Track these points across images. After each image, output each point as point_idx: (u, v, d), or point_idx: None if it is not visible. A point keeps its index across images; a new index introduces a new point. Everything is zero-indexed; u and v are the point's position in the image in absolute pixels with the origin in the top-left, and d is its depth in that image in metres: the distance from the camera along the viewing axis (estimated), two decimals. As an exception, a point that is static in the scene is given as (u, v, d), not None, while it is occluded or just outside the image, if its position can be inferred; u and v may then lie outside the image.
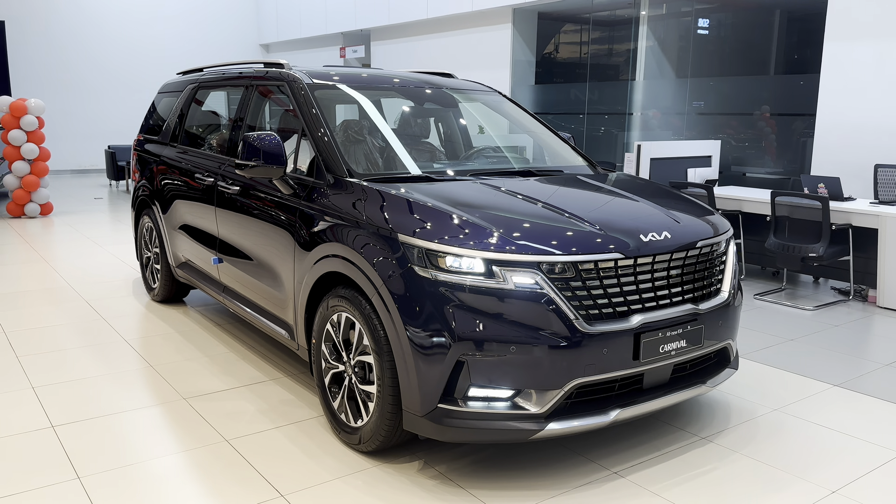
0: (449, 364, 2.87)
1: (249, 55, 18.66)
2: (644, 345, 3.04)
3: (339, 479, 3.12)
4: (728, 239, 3.60)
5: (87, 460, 3.26)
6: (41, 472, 3.15)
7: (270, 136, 3.73)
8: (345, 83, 4.28)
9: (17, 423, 3.63)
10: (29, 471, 3.16)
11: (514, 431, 2.91)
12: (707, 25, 10.49)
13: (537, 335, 2.87)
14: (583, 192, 3.76)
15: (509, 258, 2.89)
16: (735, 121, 9.33)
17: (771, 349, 5.00)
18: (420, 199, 3.24)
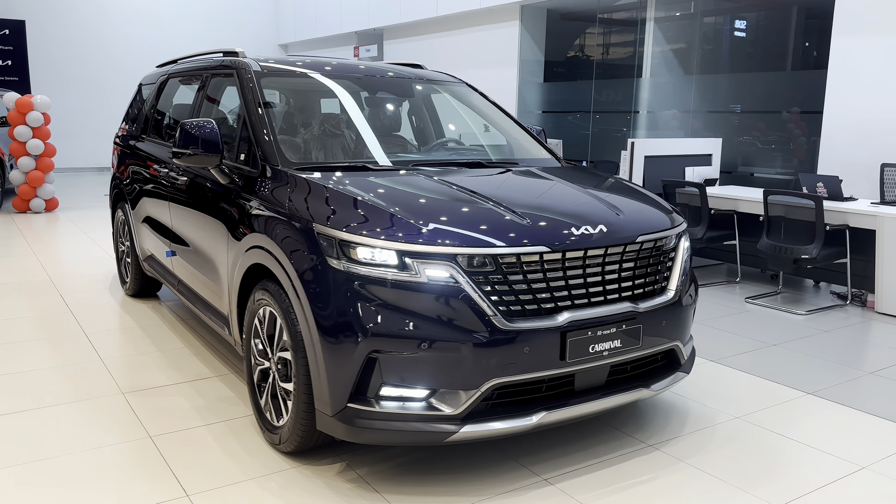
0: (358, 361, 2.72)
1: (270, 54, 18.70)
2: (571, 344, 2.86)
3: (252, 480, 2.99)
4: (679, 235, 3.39)
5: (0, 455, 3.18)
6: (-49, 465, 3.08)
7: (207, 123, 3.63)
8: (297, 73, 4.16)
9: (-53, 415, 3.57)
10: (-60, 463, 3.10)
11: (428, 434, 2.75)
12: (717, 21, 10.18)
13: (451, 332, 2.70)
14: (526, 184, 3.58)
15: (423, 250, 2.73)
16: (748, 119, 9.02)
17: (749, 354, 4.75)
18: (341, 189, 3.10)
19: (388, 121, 4.27)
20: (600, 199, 3.35)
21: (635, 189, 3.74)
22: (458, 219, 2.91)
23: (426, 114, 4.75)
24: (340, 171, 3.42)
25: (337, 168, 3.49)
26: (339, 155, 3.87)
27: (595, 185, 3.65)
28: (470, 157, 4.10)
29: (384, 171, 3.53)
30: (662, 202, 3.61)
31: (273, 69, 4.07)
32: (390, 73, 4.44)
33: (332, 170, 3.45)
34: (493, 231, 2.85)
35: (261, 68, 4.04)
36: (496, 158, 4.20)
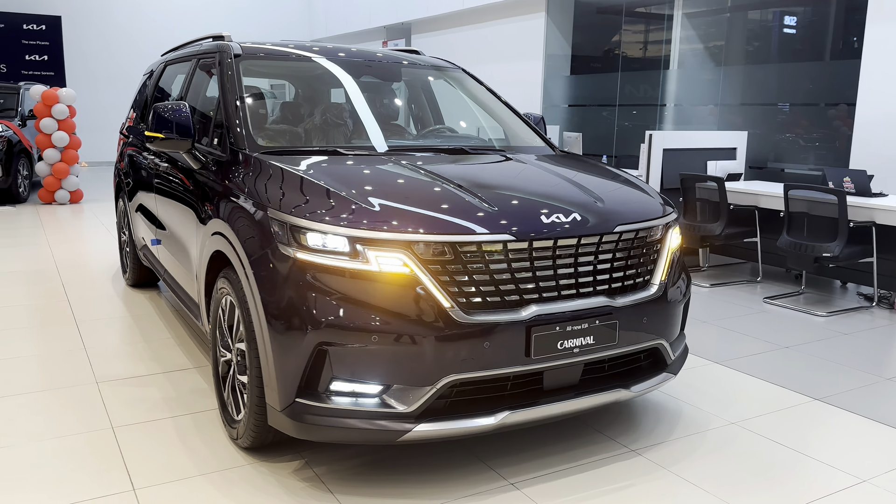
0: (306, 353, 2.57)
1: (299, 50, 18.76)
2: (536, 340, 2.67)
3: (203, 476, 2.87)
4: (667, 226, 3.17)
5: (-41, 441, 3.12)
6: None
7: (180, 106, 3.52)
8: (278, 56, 4.04)
9: (-83, 400, 3.54)
10: None
11: (380, 432, 2.59)
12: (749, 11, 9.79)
13: (404, 325, 2.54)
14: (505, 171, 3.38)
15: (375, 236, 2.57)
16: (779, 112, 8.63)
17: (758, 356, 4.48)
18: (300, 173, 2.96)
19: (374, 105, 4.11)
20: (581, 187, 3.14)
21: (624, 177, 3.52)
22: (418, 205, 2.74)
23: (417, 99, 4.58)
24: (309, 156, 3.28)
25: (308, 152, 3.35)
26: (315, 139, 3.73)
27: (581, 173, 3.45)
28: (455, 143, 3.91)
29: (357, 155, 3.38)
30: (650, 191, 3.39)
31: (254, 52, 3.96)
32: (379, 57, 4.29)
33: (303, 154, 3.31)
34: (453, 218, 2.68)
35: (242, 52, 3.93)
36: (483, 145, 4.01)
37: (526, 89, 11.81)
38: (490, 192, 2.90)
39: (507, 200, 2.86)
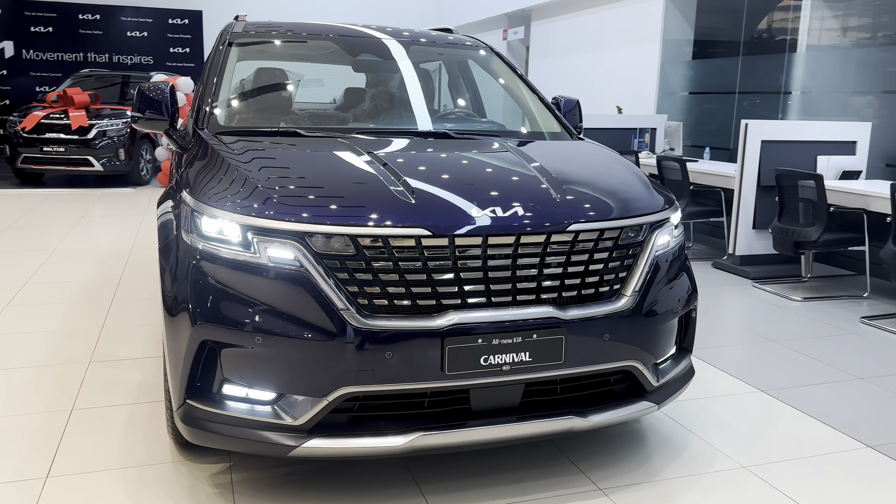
0: (192, 350, 2.34)
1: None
2: (451, 352, 2.29)
3: (120, 470, 2.74)
4: (649, 226, 2.65)
5: (-73, 411, 3.20)
6: None
7: (162, 86, 3.42)
8: (276, 34, 3.85)
9: (-78, 367, 3.70)
10: None
11: (270, 445, 2.32)
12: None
13: (293, 326, 2.25)
14: (465, 159, 2.98)
15: (266, 225, 2.30)
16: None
17: (817, 387, 3.76)
18: (224, 154, 2.74)
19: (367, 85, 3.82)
20: (546, 179, 2.69)
21: (625, 170, 3.01)
22: (326, 193, 2.43)
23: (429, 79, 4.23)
24: (263, 137, 3.06)
25: (266, 134, 3.14)
26: (285, 121, 3.51)
27: (564, 163, 2.99)
28: (442, 126, 3.54)
29: (315, 137, 3.10)
30: (643, 187, 2.86)
31: (252, 32, 3.80)
32: (385, 37, 3.98)
33: (259, 135, 3.10)
34: (361, 208, 2.35)
35: (242, 30, 3.78)
36: (476, 129, 3.61)
37: (640, 75, 11.02)
38: (426, 182, 2.54)
39: (438, 191, 2.49)
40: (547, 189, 2.60)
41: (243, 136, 3.06)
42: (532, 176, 2.72)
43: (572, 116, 4.00)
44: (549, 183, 2.64)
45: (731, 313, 5.20)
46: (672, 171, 6.84)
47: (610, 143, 8.32)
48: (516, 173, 2.77)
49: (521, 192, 2.55)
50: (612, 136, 8.82)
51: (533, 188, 2.60)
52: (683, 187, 6.69)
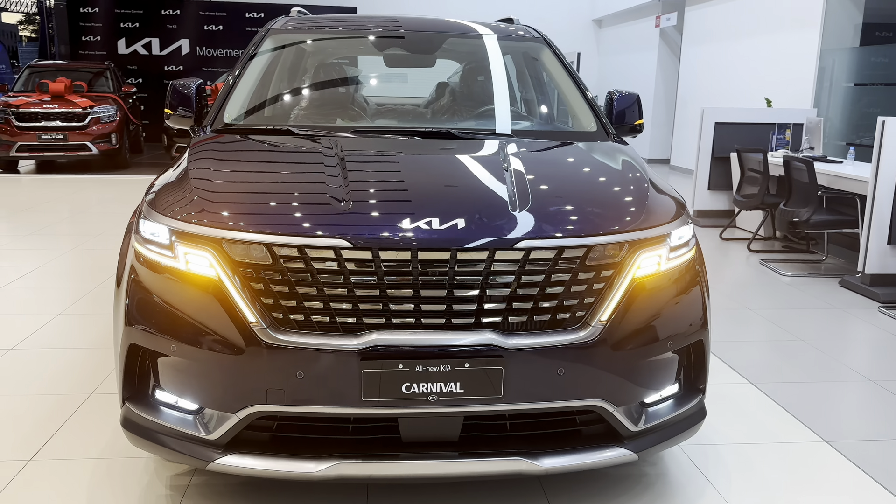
0: (123, 352, 2.33)
1: (582, 31, 18.21)
2: (366, 377, 2.08)
3: (94, 460, 2.80)
4: (629, 245, 2.26)
5: (-29, 384, 3.47)
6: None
7: (189, 83, 3.47)
8: (313, 28, 3.77)
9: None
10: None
11: (189, 457, 2.25)
12: None
13: (201, 337, 2.16)
14: (437, 163, 2.76)
15: (185, 229, 2.23)
16: None
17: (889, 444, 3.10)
18: (197, 154, 2.69)
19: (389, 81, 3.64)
20: (515, 188, 2.38)
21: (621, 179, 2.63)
22: (255, 198, 2.33)
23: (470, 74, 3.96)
24: (252, 136, 3.00)
25: (261, 132, 3.08)
26: (289, 118, 3.42)
27: (554, 170, 2.69)
28: (449, 125, 3.28)
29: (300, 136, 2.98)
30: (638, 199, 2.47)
31: (292, 26, 3.75)
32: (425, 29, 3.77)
33: (253, 132, 3.05)
34: (284, 216, 2.21)
35: (281, 25, 3.75)
36: (485, 129, 3.33)
37: (796, 64, 9.91)
38: (372, 190, 2.36)
39: (377, 200, 2.29)
40: (506, 201, 2.30)
41: (237, 134, 3.01)
42: (497, 185, 2.42)
43: (631, 113, 3.58)
44: (514, 194, 2.34)
45: (836, 343, 4.48)
46: (800, 172, 6.04)
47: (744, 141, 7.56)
48: (481, 182, 2.49)
49: (470, 203, 2.28)
50: (748, 132, 8.00)
51: (488, 199, 2.32)
52: (810, 192, 5.88)
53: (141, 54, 15.56)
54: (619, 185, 2.59)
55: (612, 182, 2.62)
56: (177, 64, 15.72)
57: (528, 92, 3.79)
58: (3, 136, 10.70)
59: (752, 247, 6.94)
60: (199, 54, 15.91)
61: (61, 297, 4.87)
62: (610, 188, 2.56)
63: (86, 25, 15.44)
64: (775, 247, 7.14)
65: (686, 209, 2.56)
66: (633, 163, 2.79)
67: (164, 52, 15.64)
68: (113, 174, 11.02)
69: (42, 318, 4.41)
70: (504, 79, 3.51)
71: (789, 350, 4.26)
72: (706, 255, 6.83)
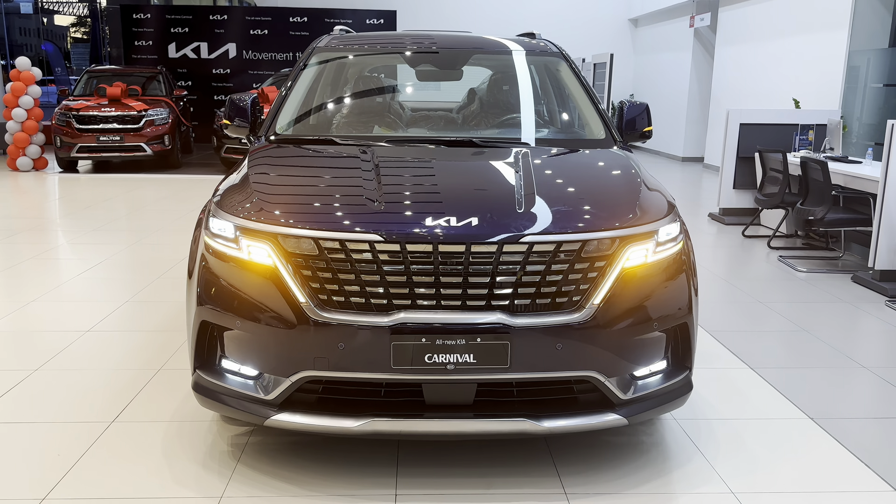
0: (195, 328, 2.80)
1: (618, 30, 18.42)
2: (396, 348, 2.51)
3: (166, 423, 3.28)
4: (619, 240, 2.66)
5: None
6: None
7: (246, 97, 3.94)
8: (353, 46, 4.22)
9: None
10: None
11: (248, 415, 2.71)
12: None
13: (262, 315, 2.62)
14: (460, 169, 3.21)
15: (247, 225, 2.68)
16: None
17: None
18: (257, 161, 3.16)
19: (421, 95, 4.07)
20: (524, 189, 2.80)
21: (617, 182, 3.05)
22: (304, 199, 2.79)
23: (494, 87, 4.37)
24: (301, 145, 3.47)
25: (307, 142, 3.54)
26: (331, 129, 3.88)
27: (560, 174, 3.13)
28: (473, 134, 3.70)
29: (341, 146, 3.44)
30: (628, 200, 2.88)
31: (335, 44, 4.20)
32: (452, 45, 4.19)
33: (300, 143, 3.51)
34: (328, 214, 2.66)
35: (326, 43, 4.20)
36: (505, 137, 3.75)
37: (824, 64, 10.07)
38: (401, 192, 2.81)
39: (405, 201, 2.73)
40: (514, 201, 2.71)
41: (290, 143, 3.48)
42: (508, 187, 2.84)
43: (641, 120, 3.95)
44: (521, 196, 2.75)
45: (837, 333, 4.77)
46: (815, 172, 6.30)
47: (769, 141, 7.83)
48: (495, 184, 2.91)
49: (483, 204, 2.69)
50: (773, 132, 8.25)
51: (498, 200, 2.73)
52: (825, 191, 6.14)
53: (190, 58, 16.25)
54: (614, 188, 2.98)
55: (608, 185, 3.01)
56: (224, 67, 16.37)
57: (546, 102, 4.18)
58: (65, 138, 11.42)
59: (773, 244, 7.21)
60: (245, 58, 16.53)
61: (126, 287, 5.42)
62: (606, 191, 2.95)
63: (138, 31, 16.20)
64: (796, 244, 7.38)
65: (675, 209, 2.93)
66: (630, 168, 3.18)
67: (212, 56, 16.31)
68: (165, 173, 11.68)
69: (111, 305, 4.95)
70: (527, 92, 3.93)
71: (791, 339, 4.57)
72: (728, 252, 7.14)
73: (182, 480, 2.83)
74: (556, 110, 4.08)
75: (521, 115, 3.91)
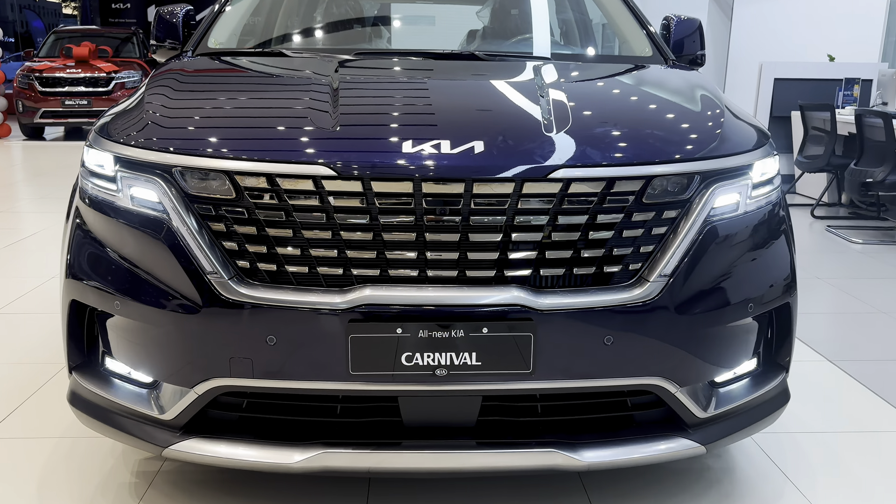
0: (65, 311, 1.89)
1: None
2: (355, 344, 1.61)
3: (57, 439, 2.41)
4: (701, 177, 1.74)
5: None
6: None
7: (178, 9, 3.01)
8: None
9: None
10: None
11: (142, 441, 1.82)
12: None
13: (150, 290, 1.71)
14: (456, 83, 2.27)
15: (130, 155, 1.76)
16: None
17: None
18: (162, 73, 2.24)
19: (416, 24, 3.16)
20: (553, 109, 1.87)
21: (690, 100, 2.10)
22: (218, 121, 1.88)
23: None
24: (237, 58, 2.55)
25: (244, 55, 2.63)
26: (285, 43, 2.95)
27: (604, 93, 2.19)
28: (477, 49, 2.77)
29: (292, 58, 2.51)
30: (712, 122, 1.95)
31: None
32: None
33: (240, 55, 2.60)
34: (251, 140, 1.75)
35: None
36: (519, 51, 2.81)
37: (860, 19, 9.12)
38: (367, 112, 1.89)
39: (373, 122, 1.80)
40: (539, 120, 1.79)
41: (222, 57, 2.56)
42: (528, 104, 1.92)
43: (691, 42, 3.03)
44: (549, 113, 1.83)
45: None
46: (874, 129, 5.38)
47: (808, 99, 6.87)
48: (508, 100, 1.99)
49: (492, 123, 1.78)
50: (811, 89, 7.34)
51: (516, 118, 1.83)
52: (887, 150, 5.22)
53: (170, 21, 15.25)
54: (685, 107, 2.07)
55: (676, 104, 2.11)
56: (206, 31, 15.38)
57: (577, 13, 3.25)
58: (27, 102, 10.46)
59: (816, 213, 6.30)
60: (229, 21, 15.51)
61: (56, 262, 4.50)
62: (674, 110, 2.05)
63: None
64: (840, 213, 6.48)
65: (770, 139, 2.02)
66: (701, 85, 2.25)
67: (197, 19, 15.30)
68: (138, 141, 10.75)
69: (32, 282, 4.05)
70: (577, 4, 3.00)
71: (868, 323, 3.70)
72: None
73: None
74: (588, 24, 3.15)
75: (540, 26, 2.96)
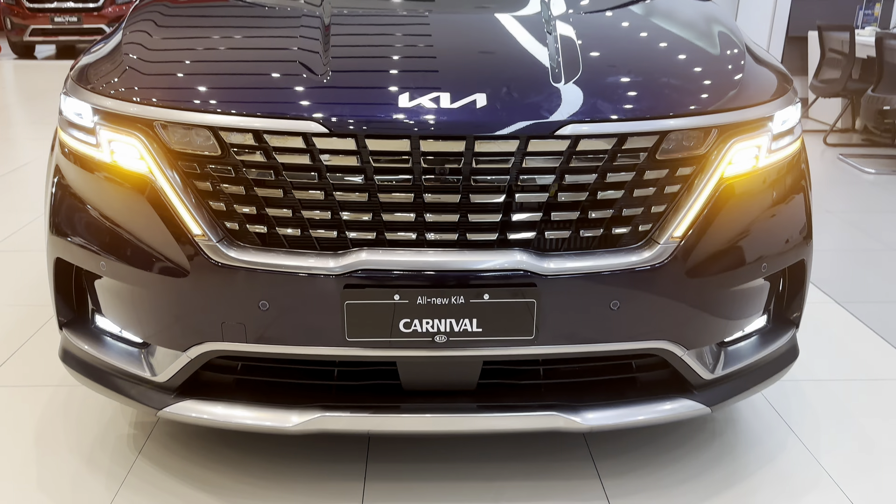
0: (51, 267, 1.82)
1: None
2: (350, 311, 1.54)
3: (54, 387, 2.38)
4: (718, 131, 1.63)
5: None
6: None
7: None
8: None
9: None
10: None
11: (138, 402, 1.78)
12: None
13: (132, 252, 1.64)
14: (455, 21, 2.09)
15: (107, 106, 1.65)
16: None
17: None
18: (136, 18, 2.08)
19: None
20: (561, 56, 1.74)
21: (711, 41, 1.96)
22: (195, 69, 1.75)
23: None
24: None
25: None
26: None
27: (618, 34, 2.04)
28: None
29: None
30: (733, 68, 1.82)
31: None
32: None
33: None
34: (237, 91, 1.64)
35: None
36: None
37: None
38: (362, 61, 1.75)
39: (367, 72, 1.68)
40: (546, 69, 1.67)
41: None
42: (535, 49, 1.79)
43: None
44: (557, 61, 1.70)
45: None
46: (893, 53, 5.16)
47: (826, 17, 6.57)
48: (512, 46, 1.85)
49: (495, 73, 1.66)
50: (830, 7, 7.00)
51: (521, 67, 1.70)
52: (907, 75, 5.03)
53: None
54: (702, 48, 1.92)
55: (693, 44, 1.96)
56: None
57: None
58: (15, 19, 10.12)
59: (829, 140, 6.13)
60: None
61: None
62: (691, 52, 1.90)
63: None
64: (853, 140, 6.31)
65: (792, 84, 1.89)
66: (720, 24, 2.10)
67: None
68: (132, 60, 10.45)
69: (27, 216, 3.97)
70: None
71: (878, 262, 3.62)
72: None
73: (45, 485, 1.93)
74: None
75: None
